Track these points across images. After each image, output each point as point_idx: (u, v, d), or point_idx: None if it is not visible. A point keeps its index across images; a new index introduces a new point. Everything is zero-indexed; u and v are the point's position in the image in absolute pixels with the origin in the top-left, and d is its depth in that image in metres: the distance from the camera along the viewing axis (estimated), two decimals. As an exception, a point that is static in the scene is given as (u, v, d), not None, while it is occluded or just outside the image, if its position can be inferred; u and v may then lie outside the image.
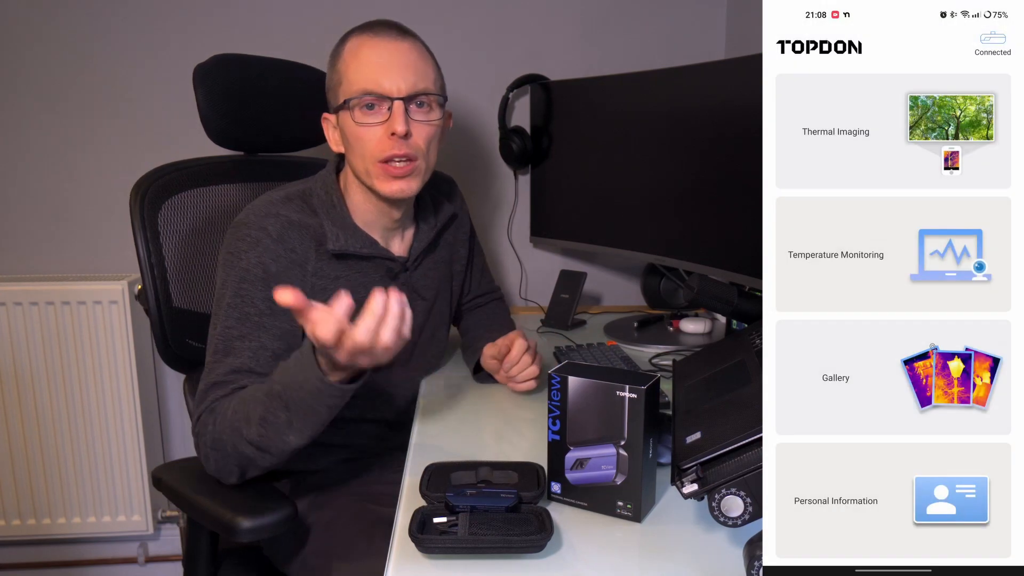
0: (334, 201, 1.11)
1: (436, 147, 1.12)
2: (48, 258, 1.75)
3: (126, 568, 1.90)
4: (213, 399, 1.00)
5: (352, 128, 1.06)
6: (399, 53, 1.05)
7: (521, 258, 1.88)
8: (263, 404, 0.92)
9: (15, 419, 1.69)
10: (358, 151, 1.07)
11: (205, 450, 1.00)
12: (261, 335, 1.02)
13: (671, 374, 1.01)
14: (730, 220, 1.35)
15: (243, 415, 0.94)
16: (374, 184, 1.07)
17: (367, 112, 1.05)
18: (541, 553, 0.76)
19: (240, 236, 1.04)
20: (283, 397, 0.90)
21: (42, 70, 1.67)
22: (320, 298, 1.06)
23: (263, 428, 0.92)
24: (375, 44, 1.05)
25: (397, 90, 1.04)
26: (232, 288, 1.03)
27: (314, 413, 0.90)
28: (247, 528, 0.95)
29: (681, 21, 1.80)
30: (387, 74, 1.04)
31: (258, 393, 0.94)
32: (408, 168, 1.06)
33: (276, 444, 0.93)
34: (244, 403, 0.95)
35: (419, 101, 1.06)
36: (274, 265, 1.03)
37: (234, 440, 0.95)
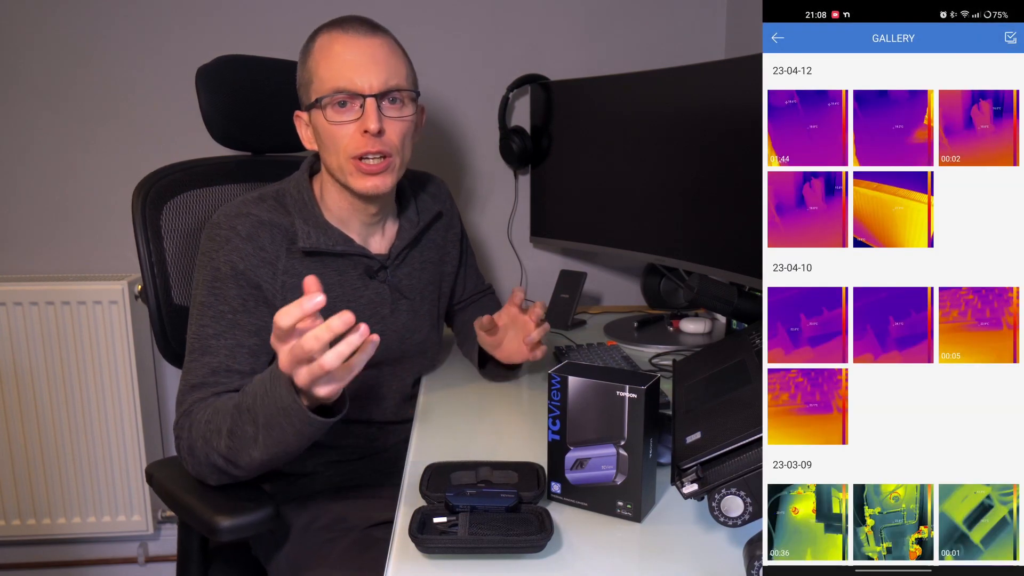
0: (306, 199, 1.11)
1: (411, 142, 1.11)
2: (48, 258, 1.75)
3: (126, 568, 1.90)
4: (192, 402, 1.01)
5: (325, 126, 1.06)
6: (370, 49, 1.05)
7: (521, 258, 1.88)
8: (232, 417, 0.92)
9: (15, 419, 1.69)
10: (331, 149, 1.07)
11: (183, 454, 1.01)
12: (236, 332, 1.03)
13: (671, 374, 1.01)
14: (730, 220, 1.35)
15: (215, 426, 0.95)
16: (348, 181, 1.07)
17: (340, 110, 1.04)
18: (541, 553, 0.76)
19: (212, 236, 1.06)
20: (252, 411, 0.90)
21: (42, 70, 1.67)
22: (291, 296, 1.07)
23: (231, 441, 0.93)
24: (346, 41, 1.05)
25: (369, 87, 1.03)
26: (205, 287, 1.04)
27: (279, 429, 0.89)
28: (226, 527, 0.96)
29: (681, 21, 1.80)
30: (359, 71, 1.03)
31: (229, 404, 0.94)
32: (382, 165, 1.06)
33: (243, 458, 0.93)
34: (216, 413, 0.96)
35: (392, 97, 1.06)
36: (242, 263, 1.04)
37: (206, 450, 0.96)
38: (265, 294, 1.06)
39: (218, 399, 0.99)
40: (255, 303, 1.05)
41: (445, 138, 1.79)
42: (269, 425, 0.89)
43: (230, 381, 1.02)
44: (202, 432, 0.96)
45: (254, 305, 1.05)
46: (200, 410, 0.99)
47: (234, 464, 0.95)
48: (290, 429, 0.88)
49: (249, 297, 1.04)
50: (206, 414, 0.97)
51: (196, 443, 0.97)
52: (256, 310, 1.05)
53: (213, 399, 1.00)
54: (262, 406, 0.89)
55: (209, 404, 0.99)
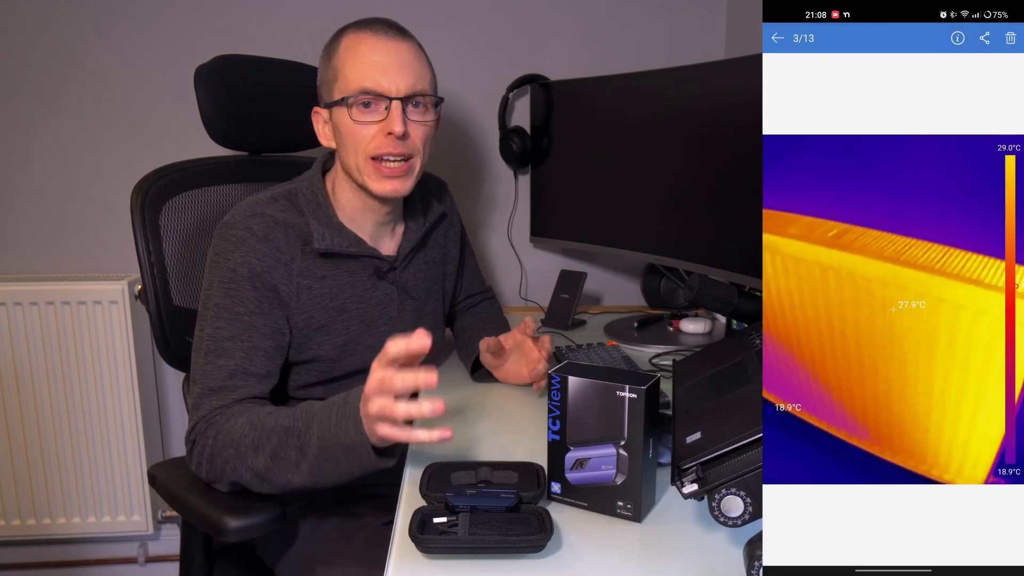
0: (320, 200, 1.10)
1: (430, 147, 1.12)
2: (48, 258, 1.75)
3: (126, 568, 1.90)
4: (211, 408, 0.99)
5: (348, 125, 1.06)
6: (398, 53, 1.05)
7: (521, 258, 1.88)
8: (278, 437, 0.91)
9: (15, 419, 1.69)
10: (351, 147, 1.06)
11: (198, 458, 0.99)
12: (252, 335, 1.02)
13: (671, 374, 1.01)
14: (730, 220, 1.35)
15: (251, 441, 0.93)
16: (366, 182, 1.07)
17: (364, 110, 1.05)
18: (541, 553, 0.76)
19: (226, 237, 1.05)
20: (302, 437, 0.89)
21: (42, 70, 1.67)
22: (306, 297, 1.07)
23: (272, 462, 0.91)
24: (374, 43, 1.05)
25: (396, 90, 1.04)
26: (220, 289, 1.03)
27: (334, 463, 0.88)
28: (234, 528, 0.95)
29: (681, 21, 1.80)
30: (386, 73, 1.04)
31: (270, 422, 0.92)
32: (403, 168, 1.07)
33: (278, 478, 0.92)
34: (254, 428, 0.93)
35: (416, 101, 1.07)
36: (259, 264, 1.03)
37: (235, 463, 0.94)
38: (281, 296, 1.05)
39: (248, 409, 0.97)
40: (271, 305, 1.05)
41: (445, 138, 1.79)
42: (323, 457, 0.87)
43: (248, 385, 1.01)
44: (234, 442, 0.94)
45: (269, 307, 1.04)
46: (226, 418, 0.97)
47: (268, 482, 0.93)
48: (346, 466, 0.87)
49: (265, 299, 1.04)
50: (238, 425, 0.95)
51: (221, 452, 0.95)
52: (272, 312, 1.05)
53: (236, 406, 0.98)
54: (320, 438, 0.87)
55: (236, 413, 0.97)
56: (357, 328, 1.13)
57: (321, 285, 1.09)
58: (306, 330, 1.09)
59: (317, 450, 0.88)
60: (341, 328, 1.12)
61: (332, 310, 1.10)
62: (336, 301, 1.11)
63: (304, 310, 1.08)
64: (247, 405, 0.99)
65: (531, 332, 1.18)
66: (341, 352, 1.13)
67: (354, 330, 1.13)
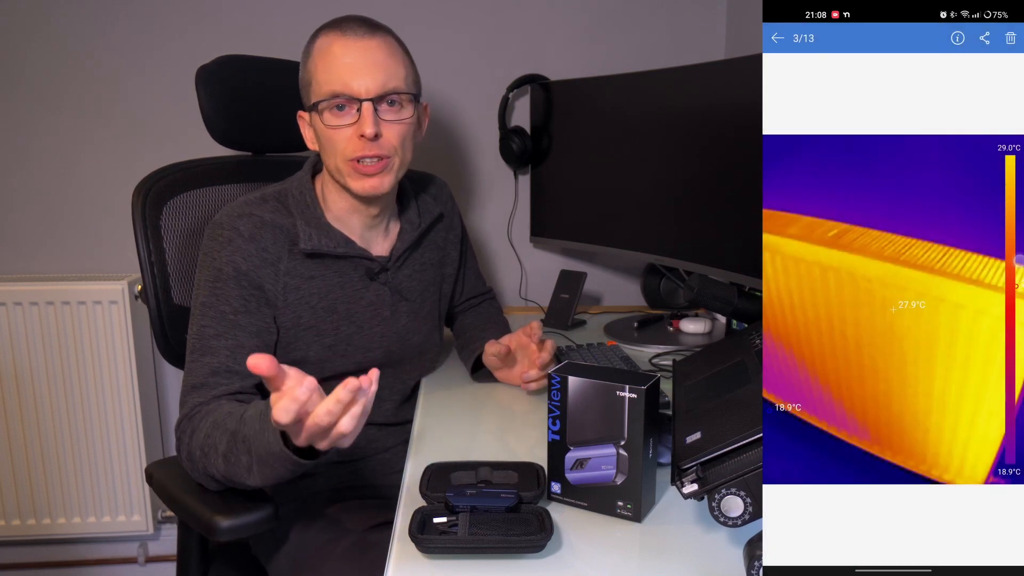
0: (308, 201, 1.10)
1: (411, 143, 1.11)
2: (48, 258, 1.75)
3: (126, 568, 1.90)
4: (193, 404, 1.00)
5: (323, 129, 1.06)
6: (367, 52, 1.04)
7: (521, 258, 1.88)
8: (228, 442, 0.91)
9: (15, 419, 1.69)
10: (330, 151, 1.07)
11: (183, 458, 1.01)
12: (237, 333, 1.03)
13: (671, 374, 1.01)
14: (730, 220, 1.35)
15: (212, 443, 0.94)
16: (346, 182, 1.07)
17: (337, 113, 1.04)
18: (541, 553, 0.76)
19: (214, 236, 1.05)
20: (247, 442, 0.89)
21: (42, 70, 1.67)
22: (293, 297, 1.07)
23: (227, 466, 0.92)
24: (344, 43, 1.04)
25: (366, 91, 1.03)
26: (207, 287, 1.04)
27: (271, 468, 0.88)
28: (225, 528, 0.95)
29: (681, 21, 1.80)
30: (355, 75, 1.03)
31: (229, 424, 0.92)
32: (380, 166, 1.06)
33: (238, 481, 0.93)
34: (215, 429, 0.94)
35: (389, 100, 1.05)
36: (245, 263, 1.04)
37: (204, 463, 0.96)
38: (267, 295, 1.06)
39: (220, 407, 0.98)
40: (257, 304, 1.05)
41: (445, 138, 1.79)
42: (262, 462, 0.88)
43: (230, 382, 1.02)
44: (201, 444, 0.96)
45: (255, 306, 1.05)
46: (201, 416, 0.98)
47: (231, 483, 0.95)
48: (282, 469, 0.87)
49: (251, 298, 1.04)
50: (206, 425, 0.96)
51: (195, 452, 0.97)
52: (258, 311, 1.05)
53: (215, 402, 0.99)
54: (255, 443, 0.88)
55: (210, 411, 0.98)
56: (347, 329, 1.13)
57: (309, 285, 1.09)
58: (294, 330, 1.09)
59: (256, 456, 0.88)
60: (331, 329, 1.12)
61: (321, 310, 1.10)
62: (325, 301, 1.11)
63: (292, 310, 1.08)
64: (219, 403, 0.99)
65: (537, 337, 1.18)
66: (330, 353, 1.13)
67: (344, 331, 1.13)
